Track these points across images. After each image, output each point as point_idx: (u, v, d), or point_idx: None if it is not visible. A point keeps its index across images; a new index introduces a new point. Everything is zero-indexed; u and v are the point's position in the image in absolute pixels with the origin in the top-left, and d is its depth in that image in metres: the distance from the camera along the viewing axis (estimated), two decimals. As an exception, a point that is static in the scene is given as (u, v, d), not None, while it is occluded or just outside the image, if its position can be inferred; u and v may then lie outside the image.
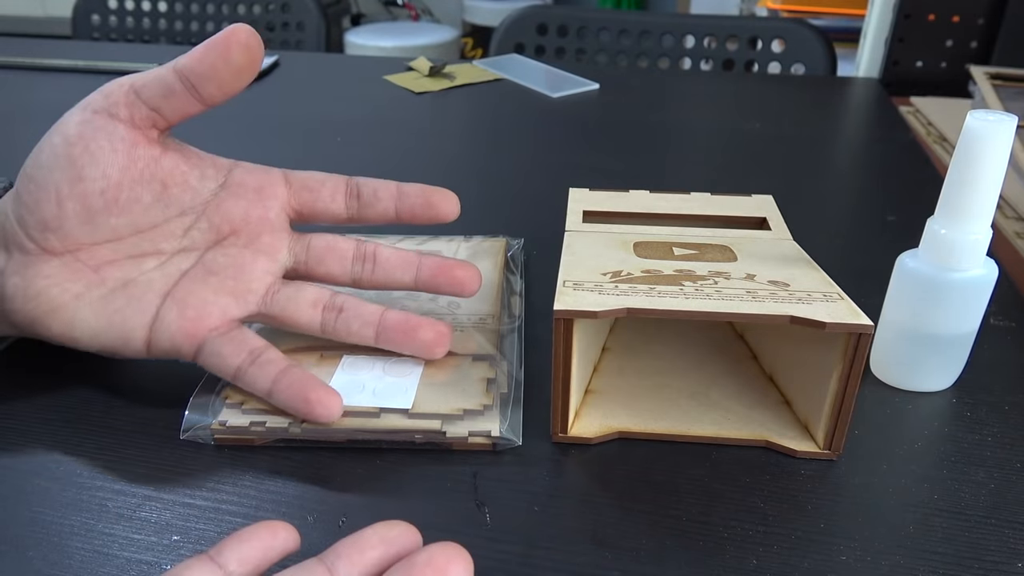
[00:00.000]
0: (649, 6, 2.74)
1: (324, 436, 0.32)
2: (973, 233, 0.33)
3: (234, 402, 0.33)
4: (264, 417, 0.32)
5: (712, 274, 0.34)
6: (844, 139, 0.72)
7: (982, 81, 0.76)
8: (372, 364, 0.35)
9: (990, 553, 0.28)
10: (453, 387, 0.34)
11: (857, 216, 0.56)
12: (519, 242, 0.47)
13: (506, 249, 0.46)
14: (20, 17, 2.76)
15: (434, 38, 2.39)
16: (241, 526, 0.29)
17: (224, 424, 0.32)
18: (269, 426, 0.32)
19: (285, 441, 0.33)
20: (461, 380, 0.34)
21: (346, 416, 0.32)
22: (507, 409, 0.33)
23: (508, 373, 0.35)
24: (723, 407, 0.35)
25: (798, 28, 1.00)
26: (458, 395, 0.34)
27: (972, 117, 0.31)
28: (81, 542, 0.28)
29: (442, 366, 0.35)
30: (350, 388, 0.34)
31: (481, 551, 0.28)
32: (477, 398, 0.33)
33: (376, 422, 0.32)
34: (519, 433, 0.33)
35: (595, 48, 1.07)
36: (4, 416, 0.34)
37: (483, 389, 0.34)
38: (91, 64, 0.85)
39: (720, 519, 0.30)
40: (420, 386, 0.34)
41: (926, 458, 0.33)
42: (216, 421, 0.32)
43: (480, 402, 0.33)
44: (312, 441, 0.33)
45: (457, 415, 0.33)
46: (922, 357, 0.36)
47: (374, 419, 0.32)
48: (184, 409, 0.33)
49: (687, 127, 0.73)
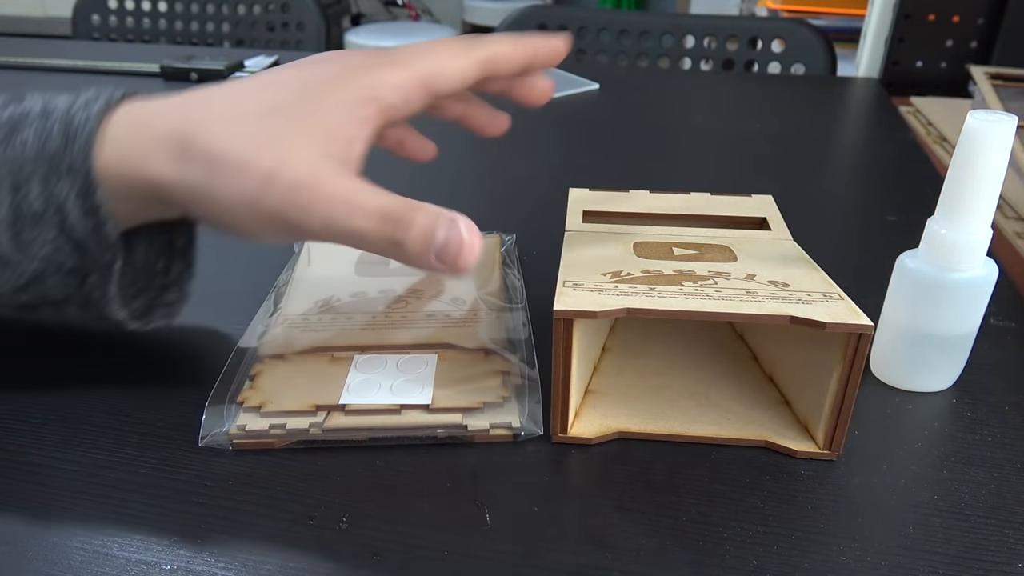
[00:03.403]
0: (649, 6, 2.74)
1: (346, 436, 0.32)
2: (973, 233, 0.33)
3: (251, 406, 0.33)
4: (284, 419, 0.32)
5: (712, 274, 0.34)
6: (844, 139, 0.72)
7: (982, 81, 0.76)
8: (384, 363, 0.35)
9: (990, 553, 0.28)
10: (469, 382, 0.34)
11: (857, 216, 0.56)
12: (511, 238, 0.47)
13: (499, 245, 0.46)
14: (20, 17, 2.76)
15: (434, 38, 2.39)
16: (241, 526, 0.29)
17: (243, 429, 0.32)
18: (289, 428, 0.32)
19: (305, 443, 0.32)
20: (476, 375, 0.35)
21: (367, 414, 0.33)
22: (525, 400, 0.34)
23: (521, 363, 0.35)
24: (723, 407, 0.35)
25: (798, 28, 1.00)
26: (475, 389, 0.34)
27: (972, 117, 0.31)
28: (81, 542, 0.28)
29: (455, 362, 0.35)
30: (367, 387, 0.34)
31: (481, 551, 0.28)
32: (495, 391, 0.34)
33: (397, 419, 0.32)
34: (539, 422, 0.33)
35: (595, 48, 1.07)
36: (4, 416, 0.34)
37: (499, 382, 0.34)
38: (91, 64, 0.85)
39: (720, 519, 0.30)
40: (436, 382, 0.34)
41: (926, 458, 0.33)
42: (235, 426, 0.32)
43: (499, 394, 0.34)
44: (333, 441, 0.32)
45: (477, 408, 0.33)
46: (922, 357, 0.36)
47: (395, 416, 0.33)
48: (201, 413, 0.33)
49: (687, 127, 0.73)
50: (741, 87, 0.86)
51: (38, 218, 0.30)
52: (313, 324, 0.38)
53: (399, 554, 0.28)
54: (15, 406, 0.35)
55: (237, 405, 0.33)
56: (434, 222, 0.28)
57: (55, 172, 0.30)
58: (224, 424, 0.32)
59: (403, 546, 0.28)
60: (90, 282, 0.32)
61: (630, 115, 0.75)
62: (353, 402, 0.33)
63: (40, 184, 0.30)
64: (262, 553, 0.28)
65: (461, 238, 0.28)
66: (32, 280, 0.32)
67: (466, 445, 0.33)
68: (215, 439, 0.32)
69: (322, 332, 0.38)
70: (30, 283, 0.32)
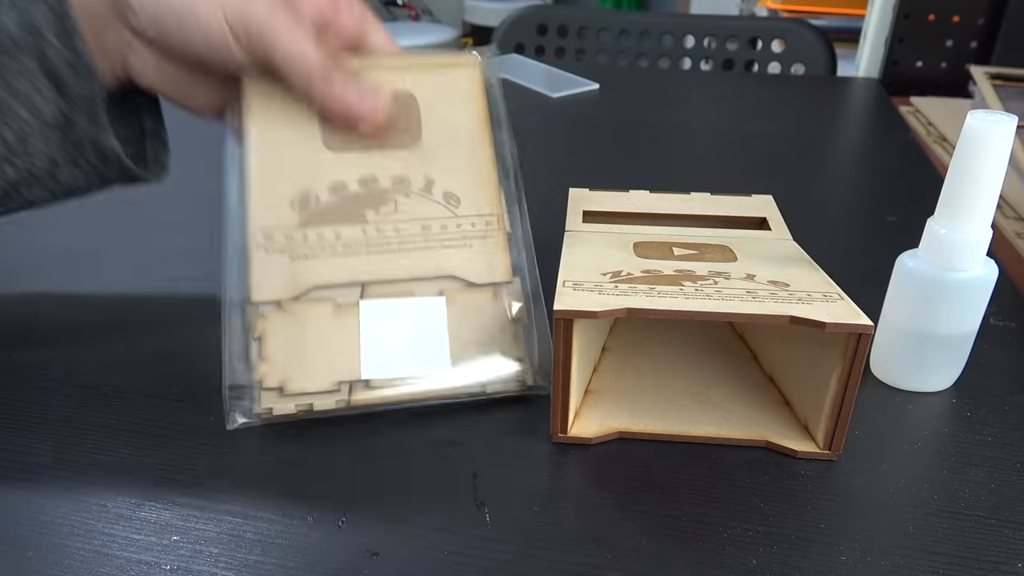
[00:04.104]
0: (649, 6, 2.74)
1: (371, 409, 0.33)
2: (973, 233, 0.33)
3: (271, 385, 0.33)
4: (309, 400, 0.33)
5: (712, 274, 0.34)
6: (844, 139, 0.72)
7: (982, 81, 0.76)
8: (393, 310, 0.35)
9: (990, 553, 0.28)
10: (484, 335, 0.35)
11: (857, 216, 0.56)
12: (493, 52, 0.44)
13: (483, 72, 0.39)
14: None
15: (434, 38, 2.39)
16: (241, 526, 0.29)
17: (270, 412, 0.33)
18: (317, 408, 0.33)
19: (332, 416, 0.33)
20: (488, 324, 0.35)
21: (389, 388, 0.33)
22: (533, 347, 0.35)
23: (525, 293, 0.36)
24: (723, 407, 0.35)
25: (798, 28, 1.00)
26: (492, 347, 0.35)
27: (972, 117, 0.31)
28: (81, 542, 0.28)
29: (466, 306, 0.35)
30: (384, 353, 0.34)
31: (481, 551, 0.28)
32: (510, 348, 0.35)
33: (420, 389, 0.34)
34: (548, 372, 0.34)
35: (595, 48, 1.08)
36: (4, 416, 0.34)
37: (512, 335, 0.35)
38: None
39: (720, 519, 0.30)
40: (451, 335, 0.35)
41: (926, 458, 0.33)
42: (262, 408, 0.33)
43: (514, 353, 0.35)
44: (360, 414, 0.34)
45: (495, 375, 0.34)
46: (922, 357, 0.36)
47: (417, 386, 0.34)
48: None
49: (687, 127, 0.73)
50: (741, 87, 0.86)
51: (15, 44, 0.31)
52: (299, 246, 0.35)
53: (399, 554, 0.28)
54: (15, 406, 0.35)
55: (256, 384, 0.33)
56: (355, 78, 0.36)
57: None
58: (249, 407, 0.33)
59: (403, 546, 0.28)
60: (78, 125, 0.33)
61: (630, 115, 0.75)
62: (375, 376, 0.34)
63: (14, 11, 0.31)
64: (262, 553, 0.28)
65: None
66: (18, 143, 0.33)
67: (466, 443, 0.33)
68: (244, 423, 0.33)
69: (312, 259, 0.35)
70: (15, 148, 0.33)
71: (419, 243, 0.36)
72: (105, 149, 0.35)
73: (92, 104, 0.33)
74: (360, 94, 0.35)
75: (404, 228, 0.36)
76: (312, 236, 0.35)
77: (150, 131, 0.39)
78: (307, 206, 0.36)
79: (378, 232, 0.36)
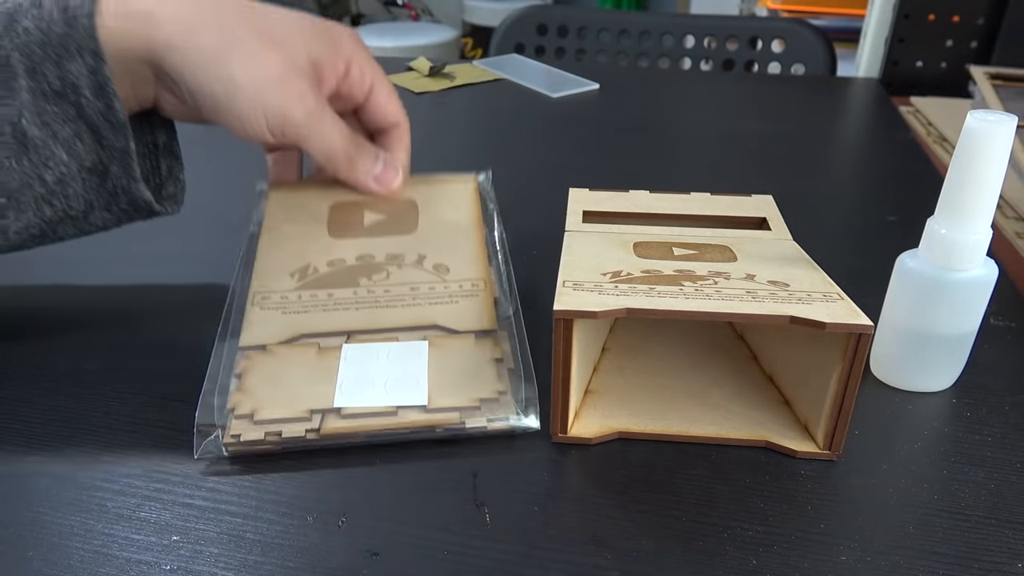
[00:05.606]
0: (649, 6, 2.74)
1: (343, 440, 0.32)
2: (973, 233, 0.33)
3: (243, 413, 0.32)
4: (279, 427, 0.32)
5: (712, 274, 0.34)
6: (844, 139, 0.72)
7: (982, 81, 0.76)
8: (375, 353, 0.35)
9: (990, 553, 0.28)
10: (464, 373, 0.34)
11: (857, 216, 0.56)
12: (487, 174, 0.46)
13: (478, 189, 0.44)
14: None
15: (434, 38, 2.39)
16: (241, 526, 0.29)
17: (237, 439, 0.32)
18: (285, 435, 0.32)
19: (302, 446, 0.32)
20: (471, 365, 0.34)
21: (364, 417, 0.32)
22: (520, 389, 0.34)
23: (513, 347, 0.35)
24: (723, 407, 0.35)
25: (798, 28, 1.00)
26: (471, 382, 0.34)
27: (972, 117, 0.31)
28: (81, 542, 0.28)
29: (448, 348, 0.35)
30: (360, 386, 0.33)
31: (481, 551, 0.28)
32: (491, 385, 0.34)
33: (394, 420, 0.32)
34: (537, 414, 0.33)
35: (595, 48, 1.08)
36: (4, 417, 0.34)
37: (494, 374, 0.34)
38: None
39: (720, 519, 0.30)
40: (431, 375, 0.34)
41: (926, 458, 0.33)
42: (228, 436, 0.32)
43: (495, 389, 0.33)
44: (331, 447, 0.32)
45: (474, 406, 0.33)
46: (922, 357, 0.36)
47: (392, 417, 0.32)
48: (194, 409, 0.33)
49: (687, 127, 0.73)
50: (741, 87, 0.86)
51: (58, 96, 0.33)
52: (292, 304, 0.37)
53: (399, 554, 0.28)
54: (15, 407, 0.35)
55: (228, 412, 0.32)
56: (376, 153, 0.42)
57: (67, 53, 0.33)
58: (217, 435, 0.32)
59: (403, 546, 0.28)
60: (113, 174, 0.35)
61: (630, 115, 0.75)
62: (348, 405, 0.33)
63: (54, 66, 0.33)
64: (262, 553, 0.28)
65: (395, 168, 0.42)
66: (57, 185, 0.34)
67: (466, 444, 0.33)
68: (208, 451, 0.31)
69: (303, 314, 0.36)
70: (54, 190, 0.34)
71: (407, 301, 0.37)
72: (137, 199, 0.37)
73: (126, 156, 0.35)
74: (379, 178, 0.42)
75: (394, 289, 0.38)
76: (306, 296, 0.37)
77: (163, 146, 0.40)
78: (305, 275, 0.38)
79: (368, 292, 0.38)
